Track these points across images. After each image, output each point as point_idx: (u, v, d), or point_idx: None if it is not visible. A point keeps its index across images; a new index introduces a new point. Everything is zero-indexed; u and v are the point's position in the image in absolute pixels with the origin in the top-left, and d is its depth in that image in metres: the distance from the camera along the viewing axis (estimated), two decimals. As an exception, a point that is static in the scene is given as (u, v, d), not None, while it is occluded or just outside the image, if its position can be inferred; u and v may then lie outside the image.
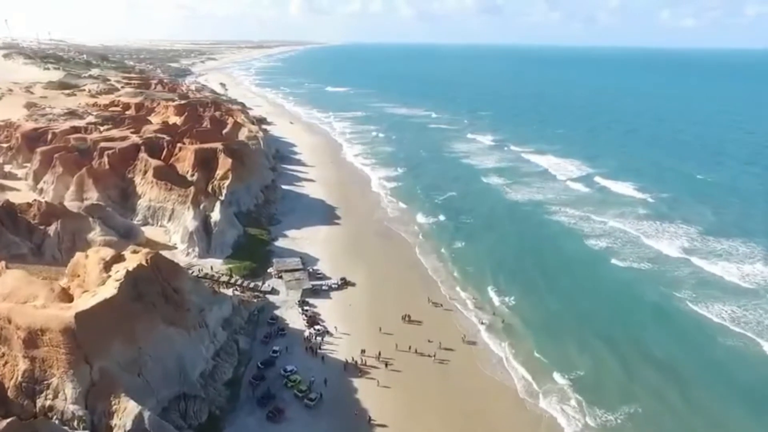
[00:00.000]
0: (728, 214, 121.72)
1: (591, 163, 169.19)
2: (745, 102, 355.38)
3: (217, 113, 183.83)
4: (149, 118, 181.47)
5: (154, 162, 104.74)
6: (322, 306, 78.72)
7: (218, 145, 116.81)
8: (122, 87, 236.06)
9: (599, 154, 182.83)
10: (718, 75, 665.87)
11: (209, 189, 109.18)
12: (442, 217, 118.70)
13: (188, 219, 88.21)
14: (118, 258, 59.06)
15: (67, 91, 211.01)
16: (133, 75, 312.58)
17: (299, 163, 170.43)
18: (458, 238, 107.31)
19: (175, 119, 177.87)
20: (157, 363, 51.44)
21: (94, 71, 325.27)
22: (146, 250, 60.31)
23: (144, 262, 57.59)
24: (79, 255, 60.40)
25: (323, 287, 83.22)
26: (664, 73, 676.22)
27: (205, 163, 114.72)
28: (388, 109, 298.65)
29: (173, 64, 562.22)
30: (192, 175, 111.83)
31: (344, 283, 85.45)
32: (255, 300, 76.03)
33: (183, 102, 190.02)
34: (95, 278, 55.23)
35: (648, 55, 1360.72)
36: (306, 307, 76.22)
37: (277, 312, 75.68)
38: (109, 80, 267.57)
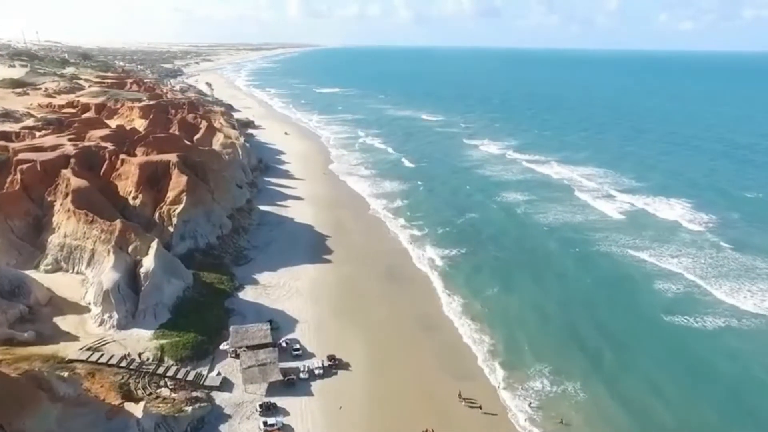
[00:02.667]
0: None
1: (612, 175, 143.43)
2: (754, 105, 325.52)
3: (191, 116, 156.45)
4: (110, 120, 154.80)
5: (76, 181, 77.15)
6: (296, 410, 51.31)
7: (172, 157, 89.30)
8: (90, 86, 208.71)
9: (616, 163, 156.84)
10: (721, 77, 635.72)
11: (156, 216, 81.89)
12: (463, 250, 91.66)
13: (106, 269, 60.67)
14: None
15: (18, 90, 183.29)
16: (109, 74, 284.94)
17: (286, 175, 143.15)
18: (488, 281, 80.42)
19: (141, 122, 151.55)
20: None
21: (68, 70, 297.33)
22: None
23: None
24: None
25: (301, 374, 55.88)
26: (666, 75, 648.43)
27: (155, 180, 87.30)
28: (388, 112, 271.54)
29: (166, 65, 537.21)
30: (135, 198, 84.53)
31: (333, 365, 58.14)
32: (191, 407, 48.41)
33: (151, 103, 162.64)
34: None
35: (646, 58, 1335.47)
36: (271, 421, 48.58)
37: (224, 428, 48.26)
38: (79, 79, 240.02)
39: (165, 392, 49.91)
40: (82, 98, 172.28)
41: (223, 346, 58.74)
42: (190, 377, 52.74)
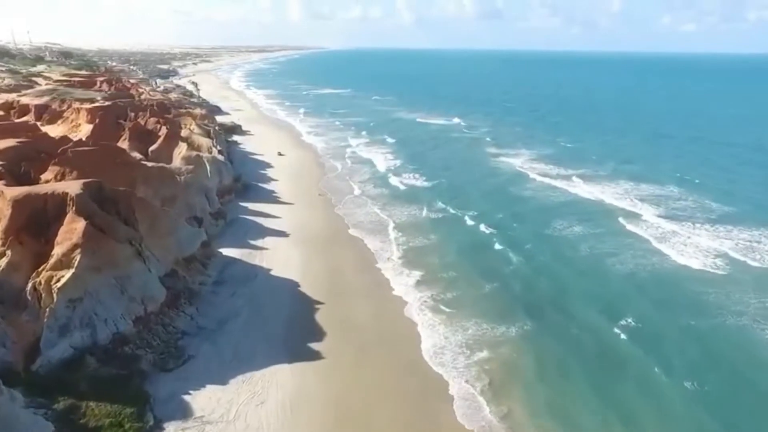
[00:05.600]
0: None
1: (658, 199, 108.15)
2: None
3: (152, 120, 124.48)
4: (51, 126, 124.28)
5: None
6: None
7: (73, 188, 57.05)
8: (46, 84, 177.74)
9: (655, 178, 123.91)
10: (730, 79, 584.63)
11: (29, 290, 49.85)
12: (500, 330, 58.52)
13: None
14: None
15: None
16: (81, 72, 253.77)
17: (270, 197, 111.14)
18: (563, 400, 47.43)
19: (89, 128, 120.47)
20: None
21: (39, 68, 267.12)
22: None
23: None
24: None
25: None
26: (671, 77, 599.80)
27: (42, 226, 55.27)
28: (391, 115, 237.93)
29: (163, 66, 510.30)
30: (2, 255, 52.53)
31: None
32: None
33: (104, 104, 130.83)
34: None
35: (650, 59, 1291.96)
36: None
37: None
38: (37, 77, 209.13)
39: None
40: (23, 98, 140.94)
41: None
42: None
